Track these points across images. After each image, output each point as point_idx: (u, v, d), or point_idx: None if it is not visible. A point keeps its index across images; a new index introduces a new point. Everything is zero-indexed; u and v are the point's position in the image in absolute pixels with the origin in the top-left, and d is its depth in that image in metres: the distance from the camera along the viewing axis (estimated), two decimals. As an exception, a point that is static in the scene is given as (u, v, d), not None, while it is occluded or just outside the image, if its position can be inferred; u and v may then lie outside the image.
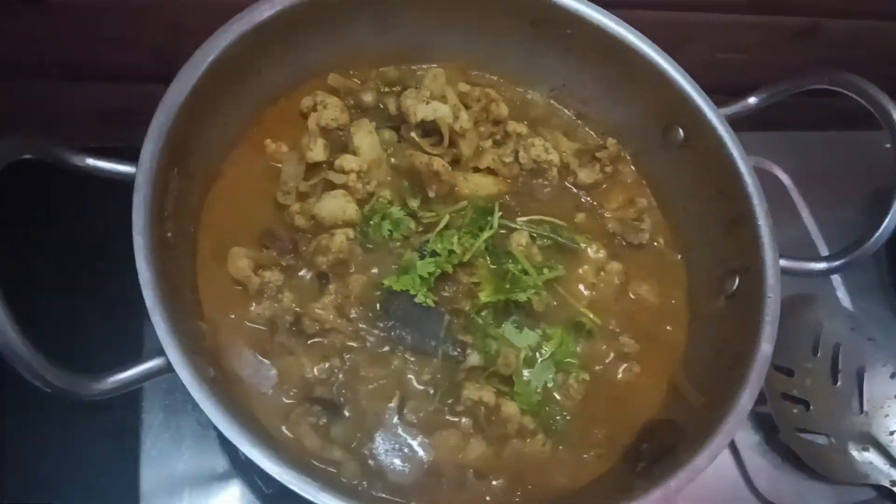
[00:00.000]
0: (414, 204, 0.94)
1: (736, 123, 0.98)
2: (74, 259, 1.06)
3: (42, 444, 1.02)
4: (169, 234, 0.80)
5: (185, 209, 0.86)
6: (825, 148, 1.42)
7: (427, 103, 0.96)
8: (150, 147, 0.78)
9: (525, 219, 0.98)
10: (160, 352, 0.70)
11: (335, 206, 0.90)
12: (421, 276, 0.86)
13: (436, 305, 0.87)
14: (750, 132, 1.31)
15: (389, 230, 0.91)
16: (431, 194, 0.94)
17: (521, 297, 0.88)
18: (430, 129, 0.98)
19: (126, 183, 0.77)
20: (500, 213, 0.94)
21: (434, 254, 0.89)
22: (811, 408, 1.12)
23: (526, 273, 0.90)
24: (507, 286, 0.89)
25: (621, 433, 0.88)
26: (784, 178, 1.36)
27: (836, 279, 1.30)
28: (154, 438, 0.95)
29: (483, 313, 0.89)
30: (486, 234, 0.92)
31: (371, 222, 0.91)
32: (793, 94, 0.99)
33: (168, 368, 0.70)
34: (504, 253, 0.93)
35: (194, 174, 0.88)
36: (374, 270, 0.90)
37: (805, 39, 1.45)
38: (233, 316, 0.85)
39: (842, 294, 1.29)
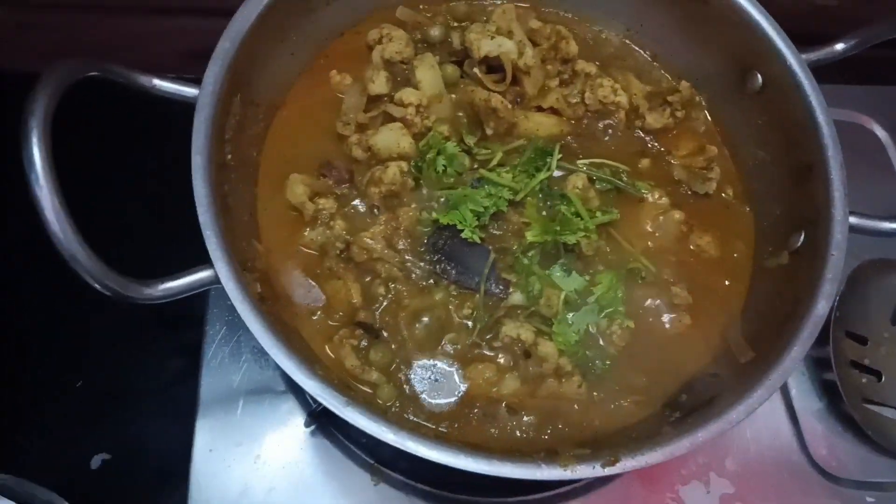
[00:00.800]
0: (471, 140, 0.94)
1: (831, 75, 0.93)
2: (142, 175, 1.13)
3: (115, 351, 1.11)
4: (229, 157, 0.84)
5: (246, 135, 0.89)
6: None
7: (492, 38, 0.95)
8: (213, 70, 0.82)
9: (586, 161, 0.96)
10: (210, 265, 0.74)
11: (391, 138, 0.91)
12: (472, 211, 0.87)
13: (482, 242, 0.87)
14: (846, 85, 1.26)
15: (444, 165, 0.91)
16: (489, 131, 0.94)
17: (570, 238, 0.87)
18: (494, 66, 0.98)
19: (191, 106, 0.81)
20: (560, 156, 0.93)
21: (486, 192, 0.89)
22: (883, 379, 1.06)
23: (578, 216, 0.89)
24: (557, 227, 0.88)
25: (662, 384, 0.86)
26: (882, 134, 1.27)
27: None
28: (215, 351, 1.02)
29: (530, 253, 0.88)
30: (542, 175, 0.91)
31: (427, 157, 0.92)
32: (885, 40, 0.91)
33: (216, 280, 0.74)
34: (559, 195, 0.92)
35: (258, 103, 0.91)
36: (426, 204, 0.91)
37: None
38: (286, 239, 0.89)
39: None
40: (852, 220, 0.84)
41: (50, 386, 1.12)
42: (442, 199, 0.90)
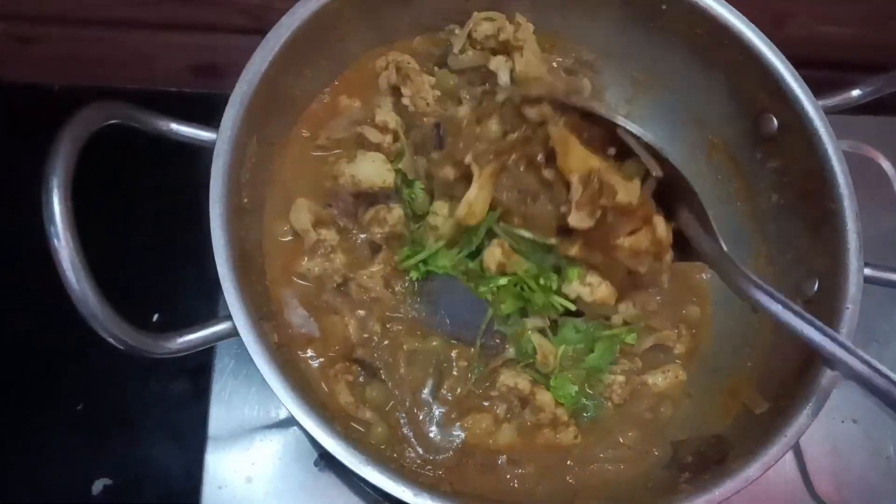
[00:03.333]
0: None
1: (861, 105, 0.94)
2: (156, 221, 1.13)
3: (123, 379, 1.10)
4: (245, 200, 0.84)
5: (261, 175, 0.88)
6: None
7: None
8: (231, 114, 0.81)
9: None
10: (228, 316, 0.73)
11: (373, 171, 0.87)
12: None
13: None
14: (851, 115, 1.25)
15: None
16: None
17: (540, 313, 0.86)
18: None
19: (206, 149, 0.80)
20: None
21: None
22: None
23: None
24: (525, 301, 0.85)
25: (657, 439, 0.87)
26: (888, 167, 1.26)
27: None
28: (224, 382, 1.01)
29: (510, 321, 0.86)
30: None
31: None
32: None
33: (234, 332, 0.73)
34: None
35: (273, 141, 0.90)
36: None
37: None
38: (284, 267, 0.88)
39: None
40: (867, 271, 0.85)
41: (50, 409, 1.12)
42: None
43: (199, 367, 1.04)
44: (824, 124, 0.89)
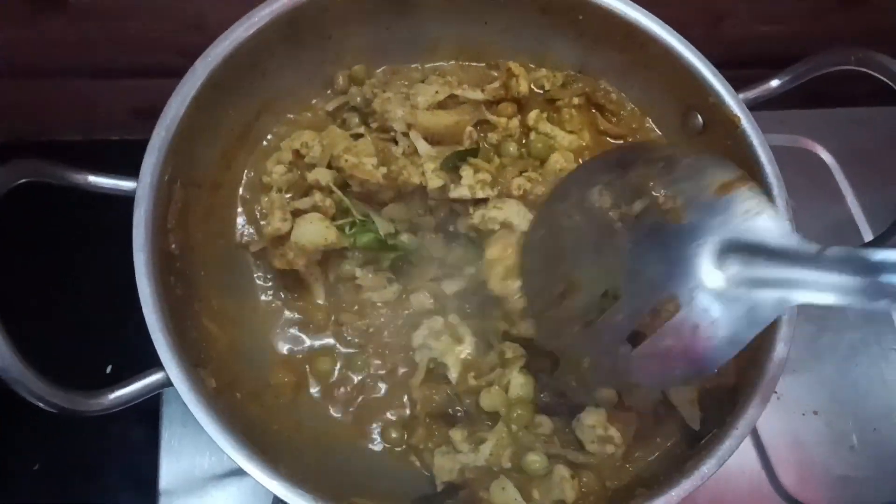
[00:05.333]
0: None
1: (773, 100, 0.94)
2: (79, 275, 1.10)
3: (80, 429, 1.06)
4: (173, 246, 0.82)
5: (191, 218, 0.87)
6: (872, 125, 1.32)
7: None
8: (150, 161, 0.79)
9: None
10: (161, 366, 0.72)
11: (315, 232, 0.86)
12: None
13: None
14: (789, 110, 1.27)
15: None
16: None
17: None
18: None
19: (129, 198, 0.78)
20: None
21: None
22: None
23: None
24: None
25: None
26: (827, 157, 1.28)
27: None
28: (174, 430, 0.99)
29: None
30: None
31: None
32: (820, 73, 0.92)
33: (168, 383, 0.72)
34: None
35: (200, 184, 0.89)
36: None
37: (853, 7, 1.35)
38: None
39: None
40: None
41: (7, 470, 1.08)
42: None
43: (144, 417, 1.01)
44: (746, 116, 0.90)
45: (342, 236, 0.88)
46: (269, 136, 0.97)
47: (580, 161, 0.97)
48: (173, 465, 0.98)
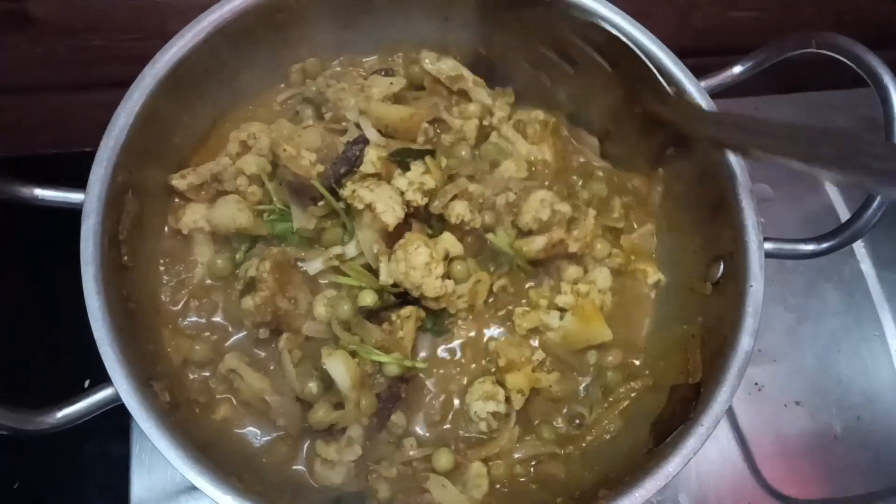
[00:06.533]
0: None
1: (750, 86, 0.92)
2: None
3: (40, 449, 1.06)
4: (125, 258, 0.81)
5: (145, 228, 0.86)
6: (846, 108, 1.30)
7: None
8: (98, 173, 0.78)
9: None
10: (111, 382, 0.70)
11: (227, 213, 0.86)
12: None
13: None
14: (764, 96, 1.26)
15: None
16: None
17: None
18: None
19: (79, 211, 0.77)
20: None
21: None
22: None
23: None
24: None
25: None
26: (800, 143, 1.26)
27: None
28: (143, 444, 0.98)
29: None
30: None
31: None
32: (783, 58, 0.90)
33: (118, 398, 0.70)
34: None
35: (155, 192, 0.88)
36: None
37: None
38: None
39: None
40: (769, 245, 0.84)
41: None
42: None
43: (113, 429, 1.00)
44: (707, 103, 0.89)
45: (258, 222, 0.87)
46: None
47: (532, 171, 0.95)
48: (144, 479, 0.97)
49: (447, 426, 0.86)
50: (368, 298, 0.82)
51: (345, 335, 0.80)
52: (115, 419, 0.96)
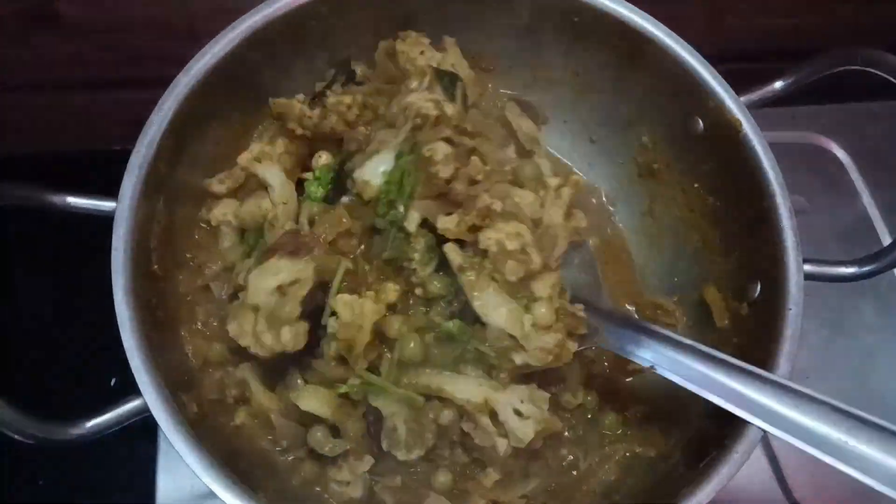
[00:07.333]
0: None
1: (786, 95, 0.90)
2: (59, 299, 1.10)
3: (66, 449, 1.06)
4: (155, 267, 0.80)
5: (176, 236, 0.85)
6: (889, 120, 1.26)
7: None
8: (130, 181, 0.78)
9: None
10: (140, 393, 0.70)
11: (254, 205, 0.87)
12: None
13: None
14: (800, 105, 1.23)
15: None
16: None
17: None
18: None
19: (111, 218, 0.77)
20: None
21: None
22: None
23: None
24: None
25: None
26: (841, 155, 1.23)
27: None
28: (169, 449, 0.96)
29: None
30: None
31: None
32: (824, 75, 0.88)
33: (147, 409, 0.70)
34: None
35: (186, 200, 0.87)
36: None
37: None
38: None
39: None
40: (808, 268, 0.82)
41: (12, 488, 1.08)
42: None
43: (141, 429, 1.00)
44: (747, 119, 0.87)
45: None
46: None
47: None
48: (170, 483, 0.97)
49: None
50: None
51: None
52: (143, 419, 0.99)
